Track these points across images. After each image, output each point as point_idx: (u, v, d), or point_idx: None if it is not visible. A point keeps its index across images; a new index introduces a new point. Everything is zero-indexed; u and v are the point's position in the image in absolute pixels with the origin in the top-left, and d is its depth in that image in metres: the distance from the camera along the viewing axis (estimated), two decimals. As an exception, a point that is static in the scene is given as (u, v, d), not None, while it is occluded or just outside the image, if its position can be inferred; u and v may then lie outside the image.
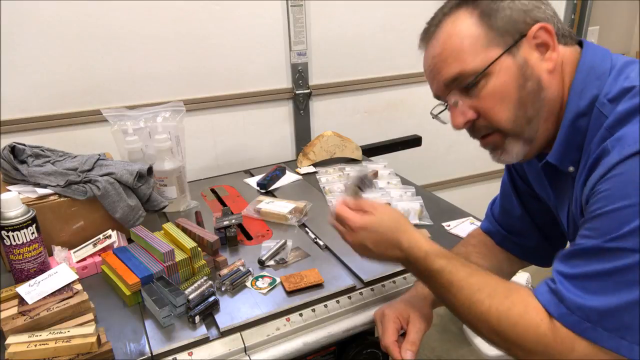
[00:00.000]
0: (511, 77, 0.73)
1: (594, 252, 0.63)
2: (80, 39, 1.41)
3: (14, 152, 1.17)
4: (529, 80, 0.73)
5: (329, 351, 0.97)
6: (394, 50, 1.84)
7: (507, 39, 0.73)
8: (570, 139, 0.75)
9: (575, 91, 0.74)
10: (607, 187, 0.63)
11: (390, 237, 0.83)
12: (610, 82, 0.72)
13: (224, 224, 1.17)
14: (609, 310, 0.61)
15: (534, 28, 0.73)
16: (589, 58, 0.75)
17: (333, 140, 1.66)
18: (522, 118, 0.75)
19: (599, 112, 0.71)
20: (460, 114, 0.77)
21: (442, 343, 2.15)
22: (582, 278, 0.64)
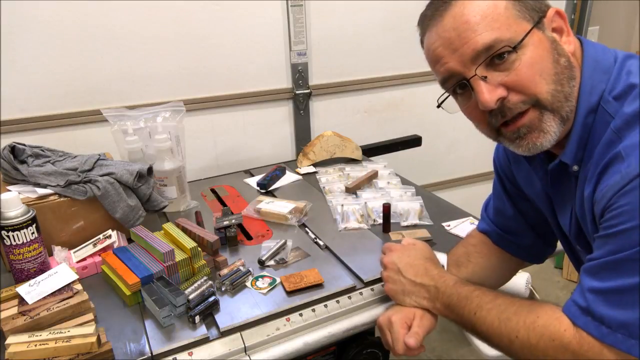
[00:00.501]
0: (546, 51, 0.70)
1: (622, 266, 0.63)
2: (80, 39, 1.41)
3: (14, 152, 1.17)
4: (562, 56, 0.71)
5: (329, 351, 0.97)
6: (394, 50, 1.84)
7: (534, 14, 0.71)
8: (582, 137, 0.73)
9: (586, 86, 0.72)
10: (627, 202, 0.62)
11: (421, 263, 0.89)
12: (614, 77, 0.71)
13: (224, 224, 1.17)
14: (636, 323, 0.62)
15: (551, 11, 0.73)
16: (592, 52, 0.74)
17: (333, 140, 1.66)
18: (560, 93, 0.71)
19: (603, 109, 0.70)
20: (492, 89, 0.71)
21: (442, 343, 2.15)
22: (610, 292, 0.65)
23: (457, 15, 0.71)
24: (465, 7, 0.71)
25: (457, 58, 0.72)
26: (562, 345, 0.68)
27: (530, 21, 0.71)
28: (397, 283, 0.90)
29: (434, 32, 0.74)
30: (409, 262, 0.90)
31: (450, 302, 0.83)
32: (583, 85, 0.72)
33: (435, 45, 0.74)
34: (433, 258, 0.92)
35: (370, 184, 1.48)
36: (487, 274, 0.99)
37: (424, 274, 0.88)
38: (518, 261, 1.03)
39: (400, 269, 0.89)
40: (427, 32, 0.76)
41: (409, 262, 0.90)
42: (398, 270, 0.90)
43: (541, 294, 2.12)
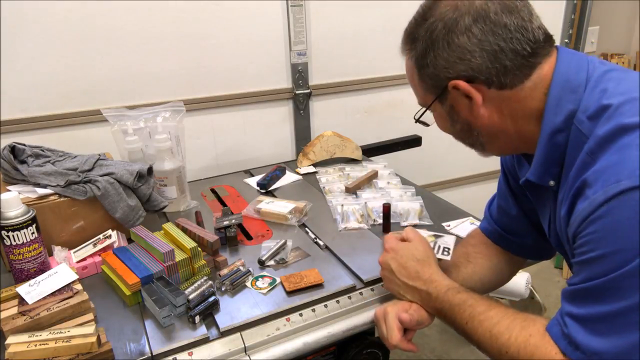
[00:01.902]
0: (443, 119, 0.83)
1: (595, 294, 0.64)
2: (80, 39, 1.41)
3: (14, 152, 1.17)
4: (457, 123, 0.81)
5: (329, 351, 0.97)
6: (394, 50, 1.80)
7: (436, 89, 0.79)
8: (550, 156, 0.75)
9: (550, 107, 0.73)
10: (594, 230, 0.63)
11: (413, 265, 0.89)
12: (587, 95, 0.70)
13: (224, 224, 1.17)
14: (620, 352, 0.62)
15: (450, 85, 0.76)
16: (563, 70, 0.73)
17: (333, 140, 1.66)
18: (464, 142, 0.86)
19: (578, 129, 0.70)
20: None
21: (442, 343, 2.15)
22: (590, 320, 0.65)
23: None
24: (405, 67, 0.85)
25: None
26: None
27: (433, 94, 0.80)
28: (392, 283, 0.92)
29: None
30: (401, 263, 0.90)
31: (443, 308, 0.84)
32: (548, 105, 0.73)
33: None
34: (426, 258, 0.91)
35: (370, 184, 1.48)
36: (487, 274, 0.99)
37: (415, 278, 0.88)
38: (519, 260, 1.03)
39: (393, 270, 0.91)
40: None
41: (401, 264, 0.90)
42: (392, 271, 0.91)
43: (541, 294, 2.12)
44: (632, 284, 0.60)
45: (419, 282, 0.88)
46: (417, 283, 0.88)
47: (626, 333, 0.62)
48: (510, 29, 0.71)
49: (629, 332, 0.61)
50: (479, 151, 0.86)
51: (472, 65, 0.73)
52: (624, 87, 0.68)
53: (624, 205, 0.59)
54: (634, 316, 0.60)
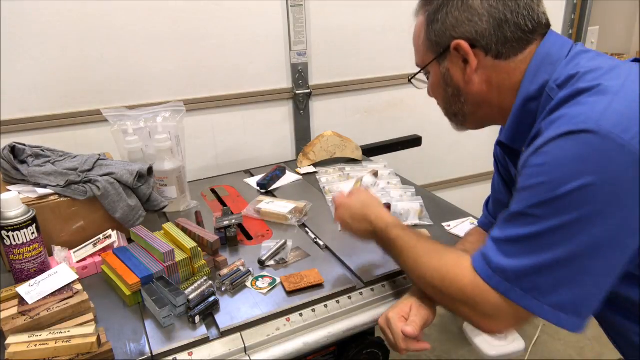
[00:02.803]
0: (437, 81, 0.87)
1: (516, 218, 0.71)
2: (80, 39, 1.41)
3: (14, 152, 1.17)
4: (449, 87, 0.86)
5: (329, 351, 0.97)
6: (394, 50, 1.84)
7: (438, 48, 0.83)
8: (521, 121, 0.80)
9: (528, 77, 0.79)
10: (536, 163, 0.68)
11: (361, 211, 0.98)
12: (561, 68, 0.76)
13: (224, 224, 1.17)
14: (524, 272, 0.69)
15: (453, 44, 0.80)
16: (547, 46, 0.79)
17: (333, 140, 1.66)
18: (449, 111, 0.90)
19: (548, 96, 0.75)
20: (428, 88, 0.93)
21: (442, 343, 2.15)
22: (505, 242, 0.72)
23: None
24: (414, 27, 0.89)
25: None
26: (460, 288, 0.77)
27: (434, 54, 0.85)
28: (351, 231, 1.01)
29: None
30: (351, 213, 0.99)
31: (384, 243, 0.94)
32: (525, 76, 0.79)
33: None
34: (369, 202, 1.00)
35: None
36: None
37: (363, 220, 0.97)
38: None
39: (347, 222, 1.00)
40: None
41: (352, 214, 0.99)
42: (347, 223, 1.00)
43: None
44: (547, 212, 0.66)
45: (366, 223, 0.96)
46: (365, 225, 0.96)
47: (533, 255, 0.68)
48: (519, 5, 0.78)
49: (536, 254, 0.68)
50: (457, 124, 0.91)
51: (477, 29, 0.78)
52: (595, 63, 0.74)
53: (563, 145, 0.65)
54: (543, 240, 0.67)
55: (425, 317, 0.88)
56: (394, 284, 1.02)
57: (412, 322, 0.86)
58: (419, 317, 0.87)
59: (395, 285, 1.02)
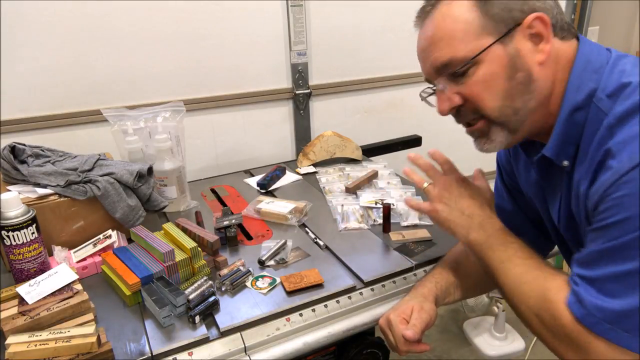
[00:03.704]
0: (501, 67, 0.73)
1: (609, 256, 0.65)
2: (80, 38, 1.41)
3: (14, 152, 1.17)
4: (519, 71, 0.73)
5: (329, 351, 0.97)
6: (394, 50, 1.84)
7: (501, 27, 0.72)
8: (567, 133, 0.75)
9: (573, 84, 0.73)
10: (620, 195, 0.63)
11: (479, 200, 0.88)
12: (606, 75, 0.72)
13: (224, 224, 1.17)
14: (626, 312, 0.63)
15: (530, 17, 0.71)
16: (586, 51, 0.75)
17: (333, 140, 1.66)
18: (509, 108, 0.75)
19: (597, 107, 0.71)
20: (446, 99, 0.78)
21: (442, 343, 2.15)
22: (600, 281, 0.66)
23: (429, 26, 0.76)
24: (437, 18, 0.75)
25: (426, 68, 0.80)
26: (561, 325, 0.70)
27: (494, 35, 0.72)
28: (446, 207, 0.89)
29: (419, 33, 0.80)
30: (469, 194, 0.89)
31: (485, 241, 0.83)
32: (570, 83, 0.74)
33: (417, 48, 0.82)
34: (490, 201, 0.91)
35: (370, 184, 1.48)
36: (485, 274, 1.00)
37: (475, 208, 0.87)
38: None
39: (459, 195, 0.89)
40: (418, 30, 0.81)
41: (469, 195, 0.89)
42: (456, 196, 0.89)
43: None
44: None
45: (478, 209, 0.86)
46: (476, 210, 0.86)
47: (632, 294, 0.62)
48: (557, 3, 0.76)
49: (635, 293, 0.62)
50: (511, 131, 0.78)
51: (546, 5, 0.73)
52: None
53: None
54: None
55: (426, 320, 0.87)
56: (394, 284, 1.02)
57: (413, 325, 0.85)
58: (420, 320, 0.87)
59: (395, 285, 1.02)
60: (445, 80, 0.77)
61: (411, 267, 1.06)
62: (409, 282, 1.02)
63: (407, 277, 1.04)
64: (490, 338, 1.76)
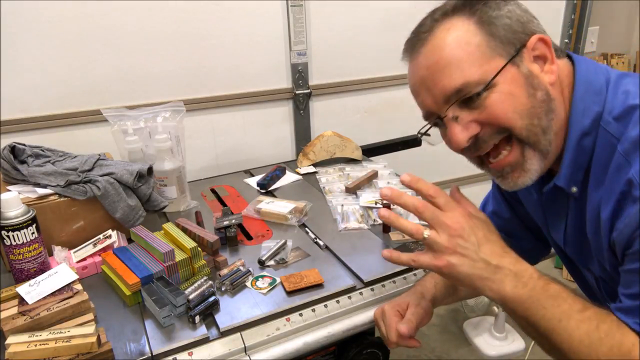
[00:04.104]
0: (519, 87, 0.69)
1: None
2: (80, 39, 1.41)
3: (14, 152, 1.17)
4: (538, 90, 0.69)
5: (329, 351, 0.97)
6: (394, 50, 1.81)
7: (509, 48, 0.69)
8: (577, 160, 0.72)
9: (578, 108, 0.71)
10: None
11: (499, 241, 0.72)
12: (610, 97, 0.69)
13: (224, 224, 1.17)
14: None
15: (533, 39, 0.70)
16: (584, 72, 0.73)
17: (333, 140, 1.66)
18: (537, 127, 0.69)
19: (605, 131, 0.69)
20: (463, 128, 0.71)
21: (442, 343, 2.15)
22: None
23: (430, 53, 0.71)
24: (438, 44, 0.70)
25: (431, 98, 0.73)
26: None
27: (505, 56, 0.69)
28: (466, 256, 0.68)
29: (411, 66, 0.75)
30: (486, 235, 0.70)
31: (529, 296, 0.67)
32: (574, 107, 0.71)
33: (413, 82, 0.76)
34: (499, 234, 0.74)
35: (370, 184, 1.48)
36: None
37: (502, 254, 0.69)
38: None
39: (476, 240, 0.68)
40: (409, 63, 0.77)
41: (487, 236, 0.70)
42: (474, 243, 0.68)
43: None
44: None
45: (508, 259, 0.69)
46: (505, 261, 0.68)
47: None
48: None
49: None
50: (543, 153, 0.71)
51: (540, 27, 0.71)
52: None
53: None
54: None
55: (421, 316, 0.87)
56: (394, 284, 1.02)
57: (408, 320, 0.85)
58: (416, 316, 0.87)
59: (395, 286, 1.02)
60: (456, 110, 0.71)
61: (411, 267, 1.06)
62: (409, 282, 1.02)
63: (407, 277, 1.04)
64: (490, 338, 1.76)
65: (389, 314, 0.87)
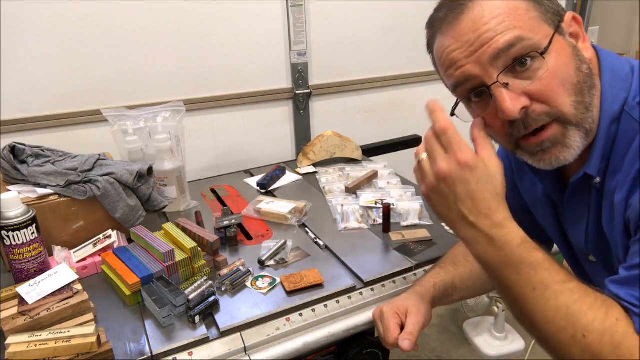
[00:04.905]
0: (569, 58, 0.66)
1: None
2: (80, 39, 1.41)
3: (14, 152, 1.17)
4: (584, 64, 0.67)
5: (329, 351, 0.97)
6: (394, 50, 1.84)
7: (554, 18, 0.67)
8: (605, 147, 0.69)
9: (607, 94, 0.69)
10: None
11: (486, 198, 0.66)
12: (636, 83, 0.69)
13: (224, 224, 1.17)
14: None
15: (569, 15, 0.69)
16: (608, 60, 0.72)
17: (333, 140, 1.66)
18: (581, 104, 0.66)
19: (629, 116, 0.67)
20: (515, 97, 0.65)
21: (442, 343, 2.15)
22: None
23: (476, 18, 0.66)
24: (484, 9, 0.66)
25: (475, 60, 0.67)
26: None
27: (552, 25, 0.66)
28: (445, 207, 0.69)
29: (449, 35, 0.69)
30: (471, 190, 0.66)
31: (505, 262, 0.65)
32: (604, 93, 0.69)
33: (451, 49, 0.69)
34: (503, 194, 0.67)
35: (370, 184, 1.48)
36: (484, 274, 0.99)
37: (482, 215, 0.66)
38: None
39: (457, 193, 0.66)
40: (439, 35, 0.71)
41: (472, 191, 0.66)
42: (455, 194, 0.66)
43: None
44: None
45: (486, 221, 0.65)
46: (482, 222, 0.65)
47: None
48: None
49: None
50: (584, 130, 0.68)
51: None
52: None
53: None
54: None
55: (422, 323, 0.86)
56: (394, 284, 1.02)
57: (410, 334, 0.83)
58: (417, 326, 0.85)
59: (395, 286, 1.02)
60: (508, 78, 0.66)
61: (411, 267, 1.06)
62: (409, 282, 1.02)
63: (407, 277, 1.04)
64: (490, 338, 1.76)
65: (387, 315, 0.87)
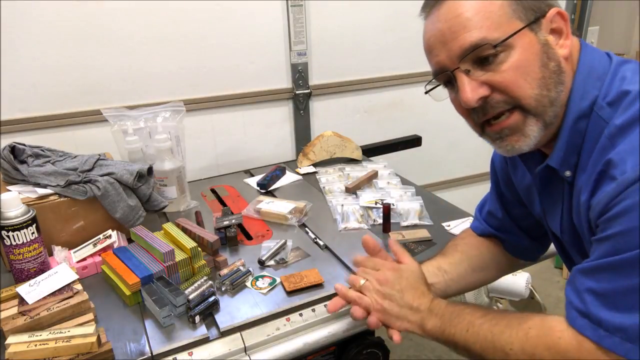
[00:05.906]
0: (534, 54, 0.70)
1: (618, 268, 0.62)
2: (80, 38, 1.41)
3: (14, 152, 1.17)
4: (551, 61, 0.71)
5: (329, 351, 0.97)
6: (394, 50, 1.84)
7: (530, 14, 0.70)
8: (571, 142, 0.73)
9: (577, 90, 0.72)
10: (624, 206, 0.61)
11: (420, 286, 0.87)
12: (608, 82, 0.71)
13: (224, 224, 1.17)
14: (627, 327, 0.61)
15: (552, 11, 0.71)
16: (588, 57, 0.74)
17: (333, 140, 1.66)
18: (545, 98, 0.71)
19: (598, 115, 0.70)
20: (475, 87, 0.71)
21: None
22: (611, 295, 0.63)
23: (453, 7, 0.71)
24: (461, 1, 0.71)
25: (446, 53, 0.73)
26: (559, 353, 0.68)
27: (524, 21, 0.70)
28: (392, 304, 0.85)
29: (430, 21, 0.75)
30: (409, 284, 0.86)
31: (442, 323, 0.82)
32: (574, 90, 0.72)
33: (429, 35, 0.75)
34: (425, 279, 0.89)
35: (370, 184, 1.48)
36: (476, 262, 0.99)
37: (420, 297, 0.85)
38: (509, 257, 1.02)
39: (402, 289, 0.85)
40: (426, 20, 0.77)
41: (410, 285, 0.86)
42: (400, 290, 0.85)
43: (541, 294, 2.12)
44: None
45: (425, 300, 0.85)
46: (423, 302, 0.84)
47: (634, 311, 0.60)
48: None
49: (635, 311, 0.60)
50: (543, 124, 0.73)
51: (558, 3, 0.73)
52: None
53: None
54: None
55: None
56: (394, 284, 1.02)
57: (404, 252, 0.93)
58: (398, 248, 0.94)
59: (395, 285, 1.01)
60: (469, 64, 0.71)
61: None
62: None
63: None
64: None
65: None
